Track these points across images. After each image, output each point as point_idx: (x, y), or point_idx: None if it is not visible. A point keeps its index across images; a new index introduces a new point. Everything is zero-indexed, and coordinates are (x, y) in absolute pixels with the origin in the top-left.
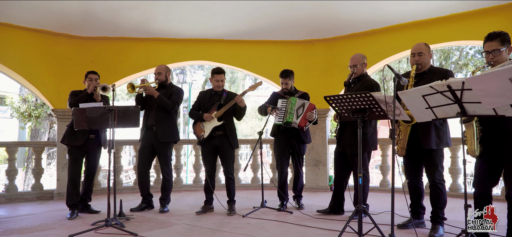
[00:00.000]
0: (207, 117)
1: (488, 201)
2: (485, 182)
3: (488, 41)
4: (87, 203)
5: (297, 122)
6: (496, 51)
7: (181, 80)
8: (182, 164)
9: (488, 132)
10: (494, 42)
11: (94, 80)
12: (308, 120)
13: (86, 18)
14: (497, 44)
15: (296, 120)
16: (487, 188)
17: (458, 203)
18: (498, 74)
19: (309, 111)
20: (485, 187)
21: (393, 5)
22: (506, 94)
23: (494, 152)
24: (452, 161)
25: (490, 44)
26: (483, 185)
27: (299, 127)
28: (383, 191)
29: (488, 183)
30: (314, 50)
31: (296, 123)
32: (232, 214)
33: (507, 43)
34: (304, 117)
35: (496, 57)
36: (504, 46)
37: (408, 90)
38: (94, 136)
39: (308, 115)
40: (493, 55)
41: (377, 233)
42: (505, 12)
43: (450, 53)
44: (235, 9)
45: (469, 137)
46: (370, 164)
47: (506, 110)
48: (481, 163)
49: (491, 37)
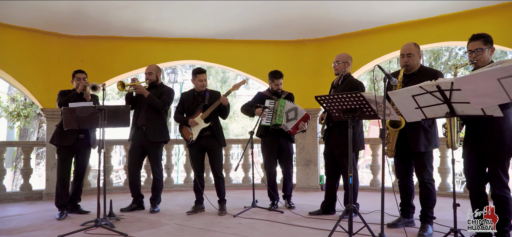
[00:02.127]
0: (192, 123)
1: (484, 201)
2: (476, 180)
3: (472, 41)
4: (76, 203)
5: (287, 125)
6: (479, 50)
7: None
8: (173, 164)
9: (471, 130)
10: (477, 42)
11: (82, 79)
12: (300, 129)
13: (76, 17)
14: (480, 43)
15: (286, 123)
16: (480, 188)
17: (447, 202)
18: (487, 75)
19: (302, 121)
20: (477, 185)
21: (384, 5)
22: (495, 94)
23: (478, 149)
24: (441, 160)
25: (474, 43)
26: (476, 184)
27: (289, 132)
28: (374, 191)
29: (479, 181)
30: (305, 50)
31: (286, 127)
32: (223, 213)
33: (489, 44)
34: (297, 126)
35: (479, 56)
36: (486, 46)
37: (398, 90)
38: (84, 135)
39: (300, 125)
40: (476, 54)
41: (367, 232)
42: (494, 13)
43: (440, 53)
44: (227, 9)
45: (449, 129)
46: (361, 164)
47: (494, 110)
48: (469, 161)
49: (475, 38)
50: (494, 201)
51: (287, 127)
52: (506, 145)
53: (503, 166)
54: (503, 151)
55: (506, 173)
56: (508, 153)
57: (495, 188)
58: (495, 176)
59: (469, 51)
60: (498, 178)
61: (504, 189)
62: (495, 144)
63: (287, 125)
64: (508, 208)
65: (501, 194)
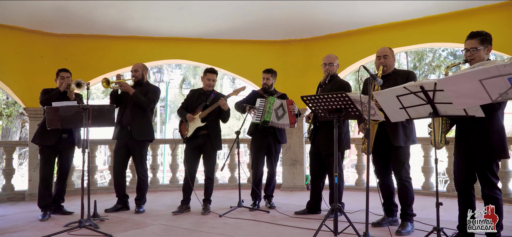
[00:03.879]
0: (189, 118)
1: (471, 201)
2: (464, 180)
3: (468, 39)
4: (60, 204)
5: (279, 122)
6: (474, 49)
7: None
8: (158, 163)
9: (459, 130)
10: (473, 40)
11: (66, 78)
12: (294, 114)
13: (60, 15)
14: (476, 42)
15: (277, 120)
16: (468, 186)
17: (431, 201)
18: (469, 76)
19: (289, 106)
20: (465, 185)
21: (369, 7)
22: (476, 95)
23: (467, 149)
24: (425, 160)
25: (470, 42)
26: (463, 184)
27: (291, 125)
28: (359, 190)
29: (467, 181)
30: (291, 50)
31: (282, 124)
32: (207, 213)
33: (486, 43)
34: (290, 114)
35: (474, 55)
36: (483, 45)
37: (383, 90)
38: (67, 135)
39: (291, 109)
40: (471, 53)
41: (352, 232)
42: (477, 15)
43: (424, 54)
44: (214, 9)
45: (435, 129)
46: (346, 164)
47: (476, 110)
48: (458, 162)
49: (472, 36)
50: (485, 202)
51: (279, 124)
52: (494, 146)
53: (491, 167)
54: (491, 153)
55: (495, 174)
56: (496, 154)
57: (485, 189)
58: (484, 177)
59: (465, 49)
60: (487, 179)
61: (493, 189)
62: (483, 144)
63: (278, 122)
64: (499, 208)
65: (491, 195)
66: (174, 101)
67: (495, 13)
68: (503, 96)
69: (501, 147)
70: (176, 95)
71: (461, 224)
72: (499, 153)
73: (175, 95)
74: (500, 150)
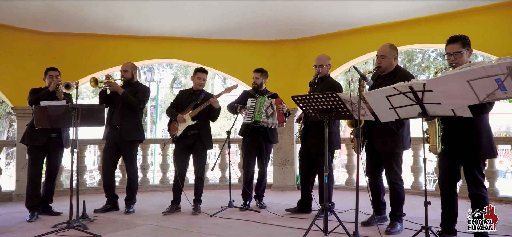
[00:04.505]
0: (180, 118)
1: (454, 198)
2: (449, 179)
3: (450, 43)
4: (48, 204)
5: (269, 121)
6: (458, 53)
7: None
8: (149, 163)
9: (449, 130)
10: (456, 45)
11: (55, 77)
12: (283, 113)
13: (49, 13)
14: (458, 46)
15: (267, 119)
16: (452, 185)
17: (419, 200)
18: (457, 77)
19: (278, 105)
20: (449, 184)
21: (360, 8)
22: (464, 95)
23: (454, 149)
24: (414, 159)
25: (452, 46)
26: (448, 183)
27: (279, 124)
28: (349, 189)
29: (451, 180)
30: (283, 50)
31: (271, 123)
32: (197, 213)
33: (467, 46)
34: (279, 114)
35: (457, 59)
36: (465, 48)
37: (373, 91)
38: (56, 135)
39: (280, 108)
40: (454, 57)
41: (342, 231)
42: (466, 17)
43: (414, 55)
44: (205, 8)
45: (431, 135)
46: (337, 163)
47: (464, 111)
48: (444, 161)
49: (453, 40)
50: (472, 200)
51: (269, 124)
52: (483, 146)
53: (479, 166)
54: (480, 152)
55: (482, 173)
56: (485, 154)
57: (472, 187)
58: (472, 176)
59: (448, 54)
60: (475, 177)
61: (480, 188)
62: (472, 145)
63: (268, 122)
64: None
65: (478, 193)
66: (165, 101)
67: (483, 15)
68: (491, 97)
69: (490, 146)
70: (167, 95)
71: (444, 222)
72: (488, 152)
73: (165, 95)
74: (489, 150)
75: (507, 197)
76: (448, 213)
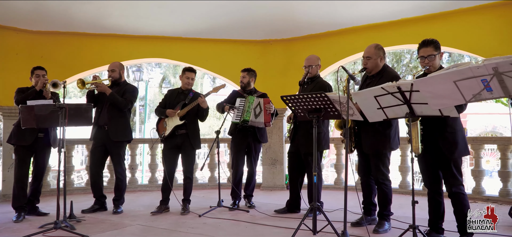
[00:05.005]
0: (170, 113)
1: (439, 197)
2: (433, 180)
3: (423, 47)
4: (35, 205)
5: (256, 120)
6: (431, 56)
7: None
8: (137, 163)
9: (427, 131)
10: (429, 48)
11: (42, 76)
12: (270, 113)
13: (36, 11)
14: (431, 50)
15: (255, 118)
16: (437, 185)
17: (407, 199)
18: (444, 77)
19: (266, 104)
20: (434, 184)
21: (349, 8)
22: (451, 96)
23: (433, 150)
24: (402, 159)
25: (426, 50)
26: (433, 182)
27: (265, 124)
28: (338, 189)
29: (435, 180)
30: (272, 50)
31: (258, 122)
32: (186, 213)
33: (438, 50)
34: (266, 113)
35: (431, 62)
36: (437, 52)
37: (361, 91)
38: (43, 134)
39: (267, 108)
40: (428, 60)
41: (331, 230)
42: (453, 18)
43: (402, 56)
44: (193, 7)
45: (414, 136)
46: (326, 163)
47: (451, 111)
48: (424, 162)
49: (426, 43)
50: (452, 199)
51: (256, 123)
52: (459, 145)
53: (457, 164)
54: (457, 150)
55: (460, 171)
56: (462, 152)
57: (451, 187)
58: (450, 175)
59: (421, 57)
60: (453, 176)
61: (459, 186)
62: (450, 143)
63: (256, 121)
64: (466, 203)
65: (457, 191)
66: (153, 101)
67: (470, 16)
68: (477, 97)
69: (465, 145)
70: (156, 95)
71: (432, 220)
72: (464, 150)
73: (154, 95)
74: (464, 148)
75: (493, 196)
76: (435, 212)
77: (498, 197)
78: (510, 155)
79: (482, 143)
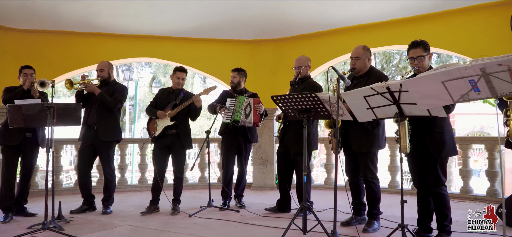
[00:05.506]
0: (160, 115)
1: (427, 199)
2: (422, 179)
3: (413, 48)
4: (22, 205)
5: (246, 120)
6: (421, 57)
7: (127, 78)
8: (127, 163)
9: (415, 131)
10: (418, 49)
11: (30, 75)
12: (259, 113)
13: (24, 10)
14: (421, 51)
15: (245, 118)
16: (426, 184)
17: (396, 199)
18: (433, 78)
19: (256, 105)
20: (423, 184)
21: (339, 8)
22: (439, 96)
23: (421, 149)
24: (391, 159)
25: (415, 51)
26: (422, 183)
27: (254, 124)
28: (328, 189)
29: (424, 179)
30: (262, 50)
31: (248, 122)
32: (175, 213)
33: (428, 51)
34: (255, 113)
35: (421, 63)
36: (426, 53)
37: (351, 91)
38: (31, 134)
39: (257, 108)
40: (418, 61)
41: (321, 230)
42: (441, 19)
43: (391, 56)
44: (183, 7)
45: (402, 136)
46: (316, 163)
47: (439, 111)
48: (413, 162)
49: (415, 45)
50: (433, 198)
51: (246, 123)
52: (447, 145)
53: (443, 164)
54: (445, 150)
55: (445, 171)
56: (449, 152)
57: (433, 186)
58: (434, 174)
59: (411, 58)
60: (437, 176)
61: (441, 186)
62: (438, 143)
63: (245, 120)
64: (446, 204)
65: (438, 191)
66: (143, 100)
67: (459, 17)
68: (464, 98)
69: (453, 145)
70: (146, 94)
71: (421, 220)
72: (451, 150)
73: (144, 94)
74: (452, 148)
75: (481, 195)
76: (424, 212)
77: (486, 196)
78: (497, 155)
79: (470, 142)
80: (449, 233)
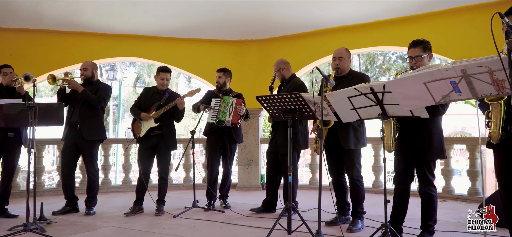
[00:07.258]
0: (144, 117)
1: (405, 197)
2: (403, 178)
3: (412, 47)
4: (3, 206)
5: (229, 120)
6: (419, 57)
7: (111, 77)
8: (111, 164)
9: (403, 130)
10: (417, 49)
11: (9, 73)
12: (239, 114)
13: (4, 8)
14: (419, 50)
15: (228, 118)
16: (406, 184)
17: (380, 198)
18: (414, 78)
19: (237, 106)
20: (403, 183)
21: (323, 10)
22: (421, 97)
23: (408, 148)
24: (375, 159)
25: (414, 50)
26: (402, 181)
27: (232, 124)
28: (313, 189)
29: (406, 179)
30: (247, 50)
31: (229, 121)
32: (160, 214)
33: (428, 51)
34: (235, 114)
35: (419, 62)
36: (425, 53)
37: (335, 91)
38: (13, 134)
39: (238, 109)
40: (415, 60)
41: (305, 230)
42: (424, 21)
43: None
44: (168, 6)
45: (387, 134)
46: (301, 163)
47: (421, 112)
48: (399, 160)
49: (414, 44)
50: (421, 197)
51: (229, 121)
52: (434, 147)
53: (429, 166)
54: (431, 152)
55: (432, 172)
56: (435, 154)
57: (422, 186)
58: (423, 174)
59: (409, 57)
60: (425, 176)
61: (429, 186)
62: (425, 144)
63: (227, 120)
64: (433, 204)
65: (427, 191)
66: (127, 100)
67: (442, 19)
68: (446, 99)
69: (440, 148)
70: (130, 94)
71: (393, 219)
72: (438, 153)
73: (128, 94)
74: (439, 151)
75: (462, 195)
76: (398, 211)
77: (467, 195)
78: (478, 155)
79: (451, 143)
80: (432, 233)
